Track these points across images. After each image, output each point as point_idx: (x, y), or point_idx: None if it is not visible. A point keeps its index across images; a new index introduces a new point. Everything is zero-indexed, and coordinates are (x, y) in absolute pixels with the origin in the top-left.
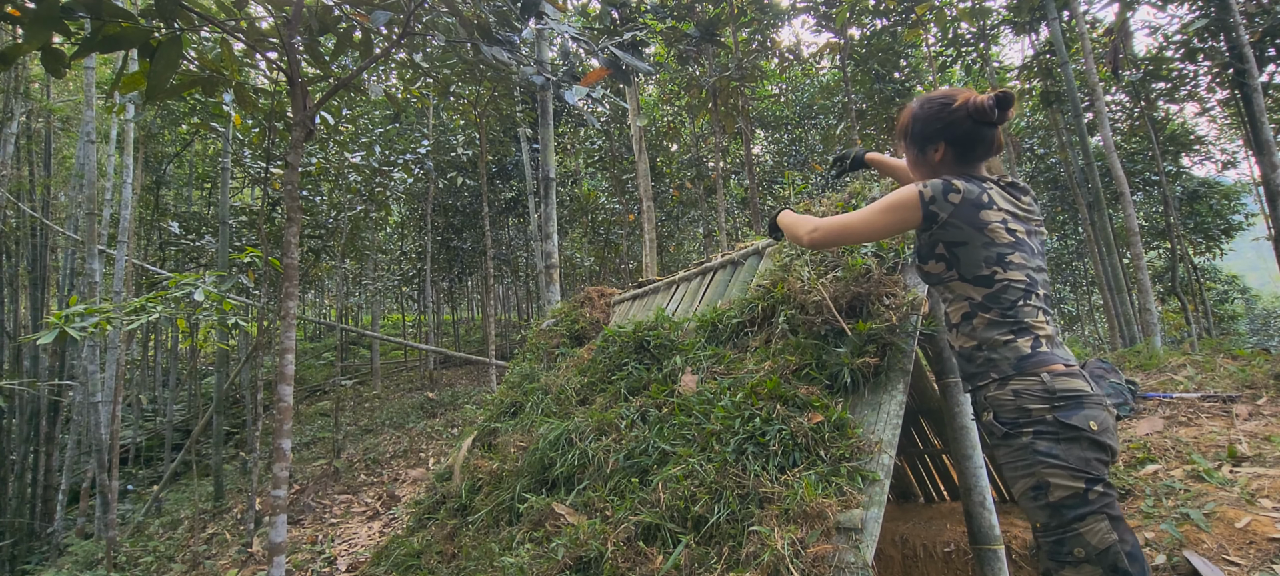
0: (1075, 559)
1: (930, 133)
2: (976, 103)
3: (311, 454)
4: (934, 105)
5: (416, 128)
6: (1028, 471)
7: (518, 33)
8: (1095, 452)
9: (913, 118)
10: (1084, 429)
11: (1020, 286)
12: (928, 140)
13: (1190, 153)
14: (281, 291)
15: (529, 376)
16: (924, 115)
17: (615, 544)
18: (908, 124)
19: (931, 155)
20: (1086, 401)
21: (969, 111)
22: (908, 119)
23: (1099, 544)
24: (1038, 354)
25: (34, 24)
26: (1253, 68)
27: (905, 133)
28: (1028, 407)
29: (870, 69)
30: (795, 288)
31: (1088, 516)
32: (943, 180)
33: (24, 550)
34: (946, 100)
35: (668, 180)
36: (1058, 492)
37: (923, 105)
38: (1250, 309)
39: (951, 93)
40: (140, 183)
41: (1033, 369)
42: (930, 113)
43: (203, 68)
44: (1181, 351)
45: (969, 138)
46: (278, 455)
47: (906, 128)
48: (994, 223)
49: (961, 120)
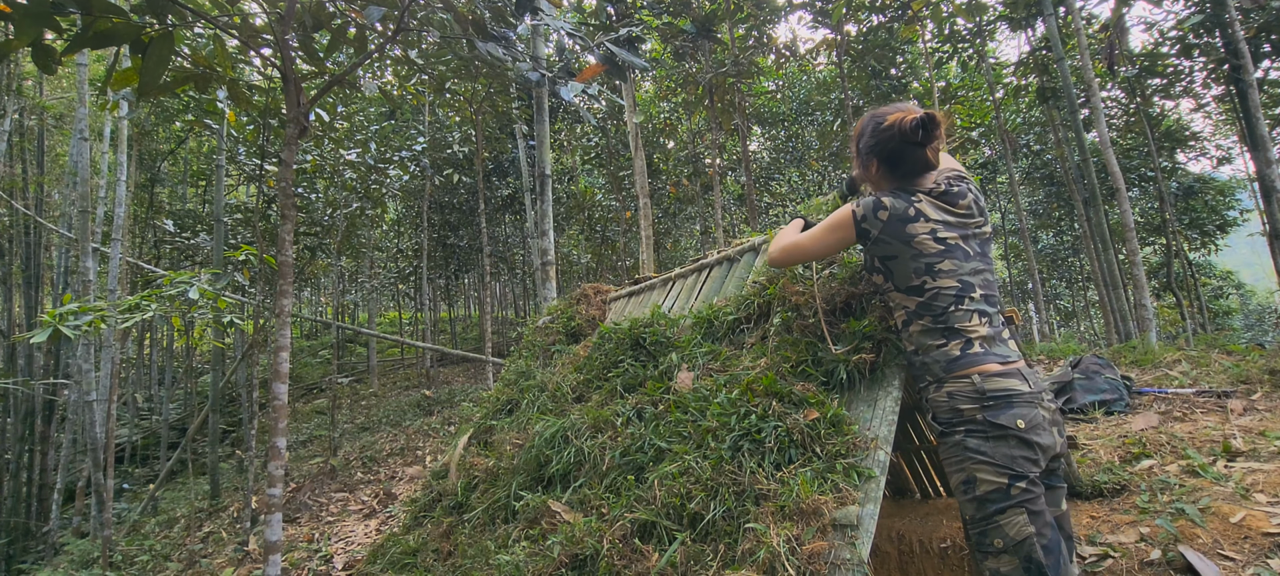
0: (995, 549)
1: (866, 149)
2: (903, 124)
3: (308, 452)
4: (871, 123)
5: (412, 124)
6: (959, 467)
7: (513, 28)
8: (1022, 450)
9: (859, 133)
10: (1011, 427)
11: (950, 292)
12: (866, 156)
13: (1186, 149)
14: (277, 289)
15: (525, 374)
16: (865, 132)
17: (611, 541)
18: (855, 138)
19: (870, 170)
20: (1016, 400)
21: (897, 132)
22: (856, 133)
23: (1016, 535)
24: (968, 355)
25: (24, 20)
26: (1248, 63)
27: (854, 147)
28: (960, 408)
29: (867, 65)
30: (790, 289)
31: (1007, 509)
32: (874, 198)
33: (20, 549)
34: (880, 119)
35: (664, 177)
36: (983, 487)
37: (866, 122)
38: (1245, 304)
39: (885, 111)
40: (134, 180)
41: (963, 370)
42: (868, 130)
43: (196, 64)
44: (1177, 347)
45: (897, 155)
46: (274, 453)
47: (854, 141)
48: (921, 235)
49: (889, 139)
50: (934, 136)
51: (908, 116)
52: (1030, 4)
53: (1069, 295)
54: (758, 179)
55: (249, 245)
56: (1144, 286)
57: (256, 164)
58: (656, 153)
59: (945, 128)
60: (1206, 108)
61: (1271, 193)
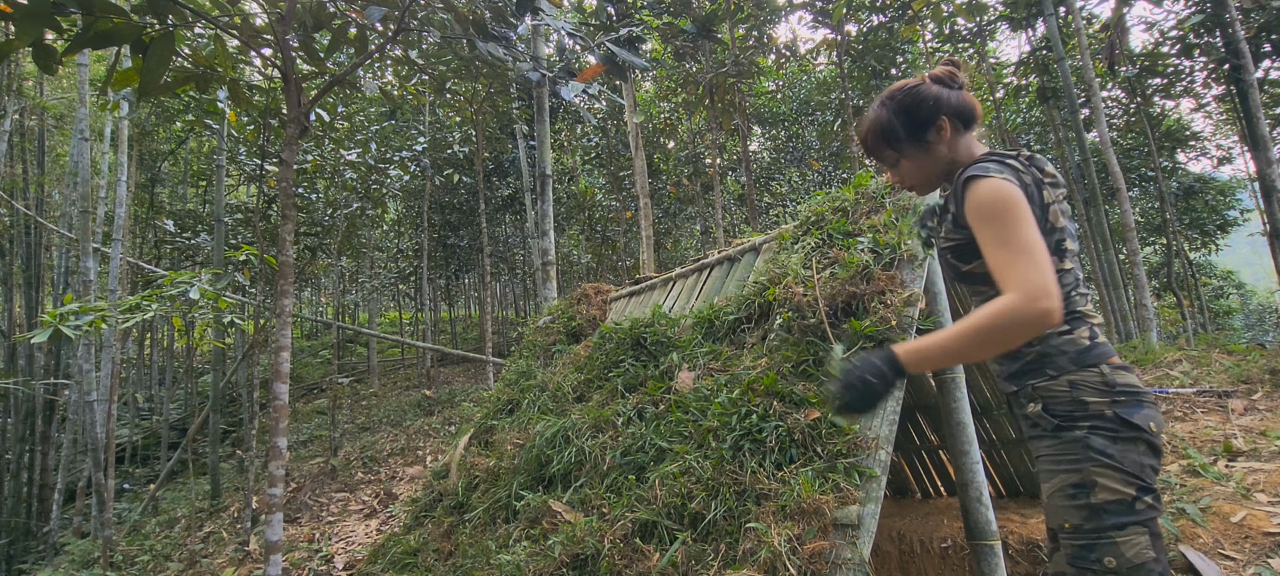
0: (1103, 568)
1: (925, 115)
2: (943, 70)
3: (308, 452)
4: (907, 91)
5: (412, 124)
6: (1073, 467)
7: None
8: (1151, 458)
9: (890, 114)
10: (1145, 429)
11: (1073, 275)
12: (926, 124)
13: (1186, 148)
14: (277, 289)
15: (526, 374)
16: (905, 103)
17: (612, 541)
18: (884, 125)
19: (935, 138)
20: (1144, 399)
21: (946, 76)
22: (881, 121)
23: (1134, 558)
24: (1097, 345)
25: (25, 20)
26: (1248, 63)
27: (885, 135)
28: (1085, 400)
29: (867, 65)
30: (792, 290)
31: (1129, 526)
32: (995, 160)
33: (20, 549)
34: (913, 83)
35: (665, 177)
36: (1103, 494)
37: (894, 98)
38: (1245, 304)
39: (906, 80)
40: (135, 180)
41: (1093, 361)
42: (910, 98)
43: (196, 64)
44: (1177, 347)
45: (963, 102)
46: (274, 453)
47: (884, 129)
48: (1054, 205)
49: (946, 85)
50: (961, 82)
51: (929, 74)
52: (1030, 4)
53: None
54: (758, 179)
55: (249, 245)
56: (1144, 286)
57: (257, 164)
58: (657, 152)
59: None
60: (1207, 107)
61: (1272, 192)
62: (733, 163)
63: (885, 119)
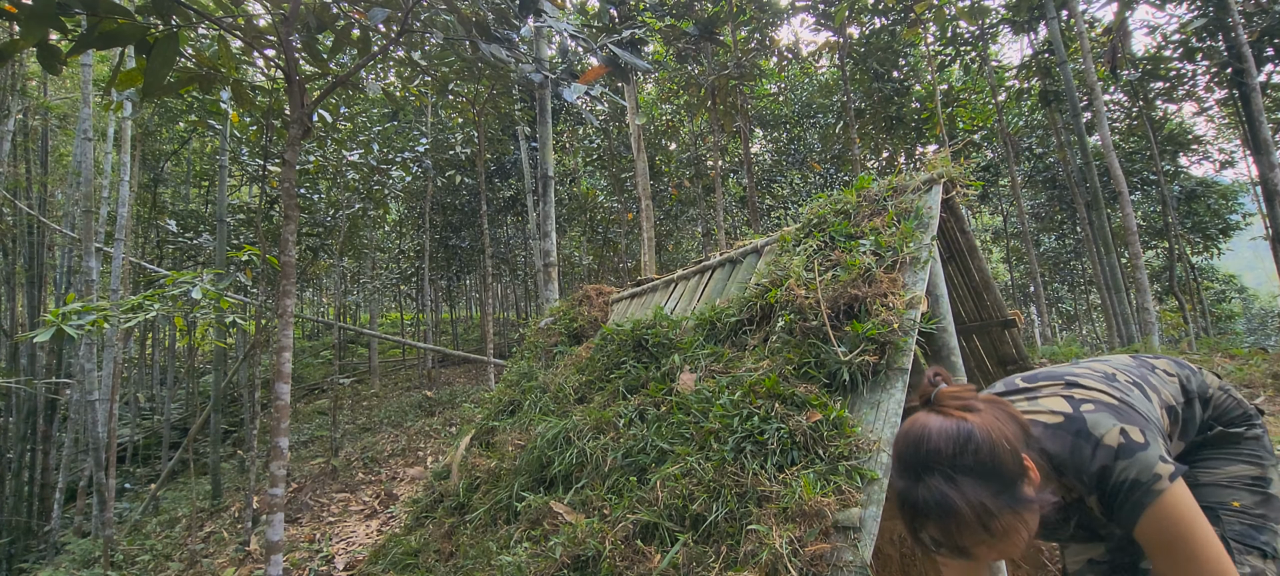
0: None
1: (1016, 460)
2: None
3: (309, 452)
4: (985, 437)
5: (415, 126)
6: (1255, 461)
7: (516, 30)
8: None
9: (984, 469)
10: None
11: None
12: (1016, 475)
13: (1188, 152)
14: (279, 289)
15: (527, 375)
16: (991, 452)
17: (613, 542)
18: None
19: (1029, 483)
20: None
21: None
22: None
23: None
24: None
25: (30, 20)
26: (1251, 67)
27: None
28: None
29: (869, 68)
30: (794, 293)
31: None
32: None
33: (21, 548)
34: (965, 432)
35: (666, 178)
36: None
37: (960, 466)
38: (1248, 308)
39: (945, 418)
40: (137, 180)
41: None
42: (991, 441)
43: (200, 65)
44: (1179, 350)
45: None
46: (275, 453)
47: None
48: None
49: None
50: None
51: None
52: (1033, 7)
53: (1071, 298)
54: (760, 181)
55: (252, 245)
56: (1146, 290)
57: (259, 164)
58: (659, 154)
59: None
60: (1209, 111)
61: (1274, 196)
62: (734, 165)
63: (975, 500)
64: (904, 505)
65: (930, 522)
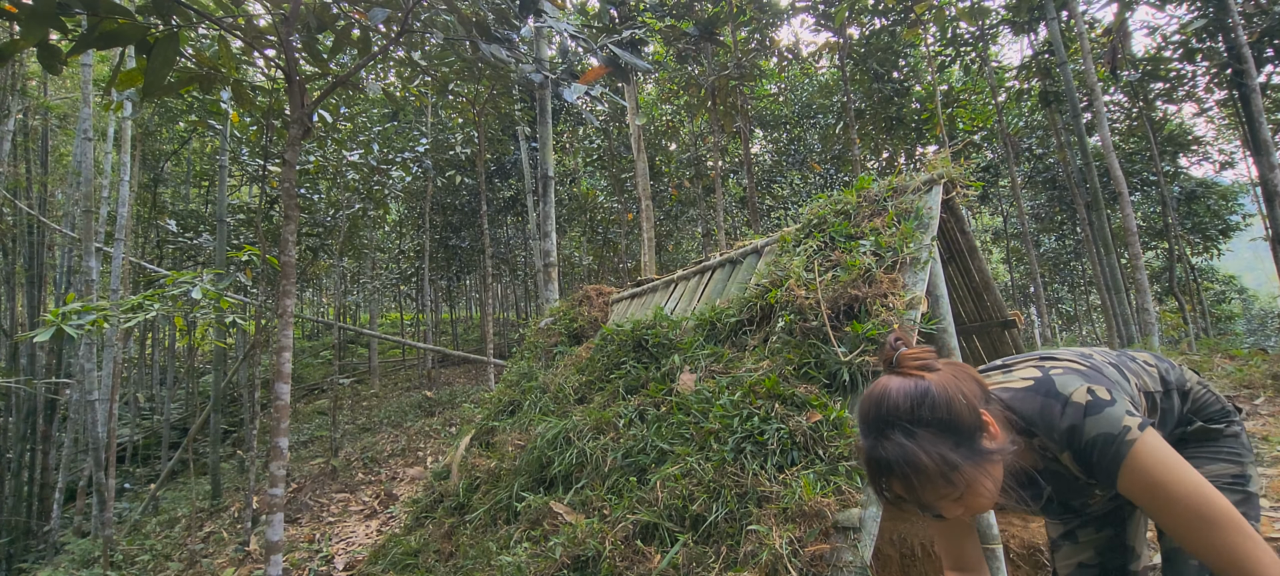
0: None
1: (972, 420)
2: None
3: (309, 452)
4: (940, 392)
5: (415, 126)
6: (1234, 459)
7: (516, 30)
8: None
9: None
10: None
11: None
12: (976, 429)
13: (1188, 153)
14: (279, 289)
15: (527, 375)
16: (946, 406)
17: (613, 542)
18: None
19: (989, 437)
20: None
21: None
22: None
23: None
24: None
25: (30, 20)
26: (1251, 68)
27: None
28: (1227, 410)
29: (869, 68)
30: (794, 293)
31: (1260, 517)
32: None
33: (21, 548)
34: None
35: (666, 179)
36: (1254, 487)
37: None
38: (1247, 309)
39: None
40: (137, 180)
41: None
42: (947, 395)
43: (200, 65)
44: (1179, 351)
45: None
46: (275, 453)
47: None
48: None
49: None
50: None
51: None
52: (1033, 8)
53: (1071, 299)
54: (760, 181)
55: (252, 245)
56: (1146, 290)
57: (259, 164)
58: (659, 155)
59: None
60: (1209, 112)
61: (1274, 197)
62: (734, 165)
63: (934, 453)
64: (869, 463)
65: (894, 478)
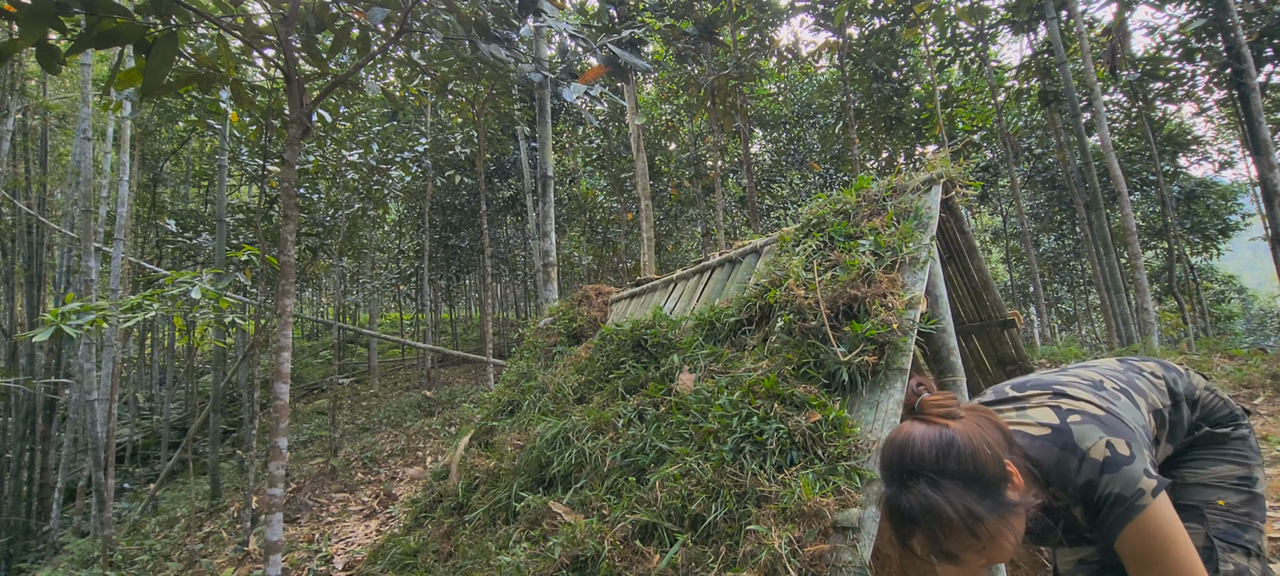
0: (1250, 548)
1: (995, 466)
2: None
3: (308, 452)
4: (965, 443)
5: (414, 125)
6: (1241, 461)
7: (516, 30)
8: None
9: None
10: None
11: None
12: (998, 480)
13: (1188, 153)
14: (278, 289)
15: (526, 375)
16: (972, 458)
17: (612, 542)
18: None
19: (1012, 488)
20: None
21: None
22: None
23: (1262, 546)
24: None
25: (29, 20)
26: (1250, 68)
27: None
28: (1235, 413)
29: (869, 68)
30: (793, 293)
31: (1265, 518)
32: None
33: (20, 548)
34: (946, 440)
35: (666, 179)
36: (1260, 486)
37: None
38: (1247, 309)
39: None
40: (137, 180)
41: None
42: (973, 446)
43: (199, 65)
44: (1179, 351)
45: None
46: (274, 453)
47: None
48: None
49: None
50: None
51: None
52: (1032, 7)
53: (1070, 299)
54: (759, 181)
55: (251, 245)
56: (1145, 290)
57: (259, 164)
58: (658, 154)
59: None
60: (1208, 112)
61: (1273, 196)
62: (734, 165)
63: (960, 505)
64: (892, 513)
65: (918, 529)
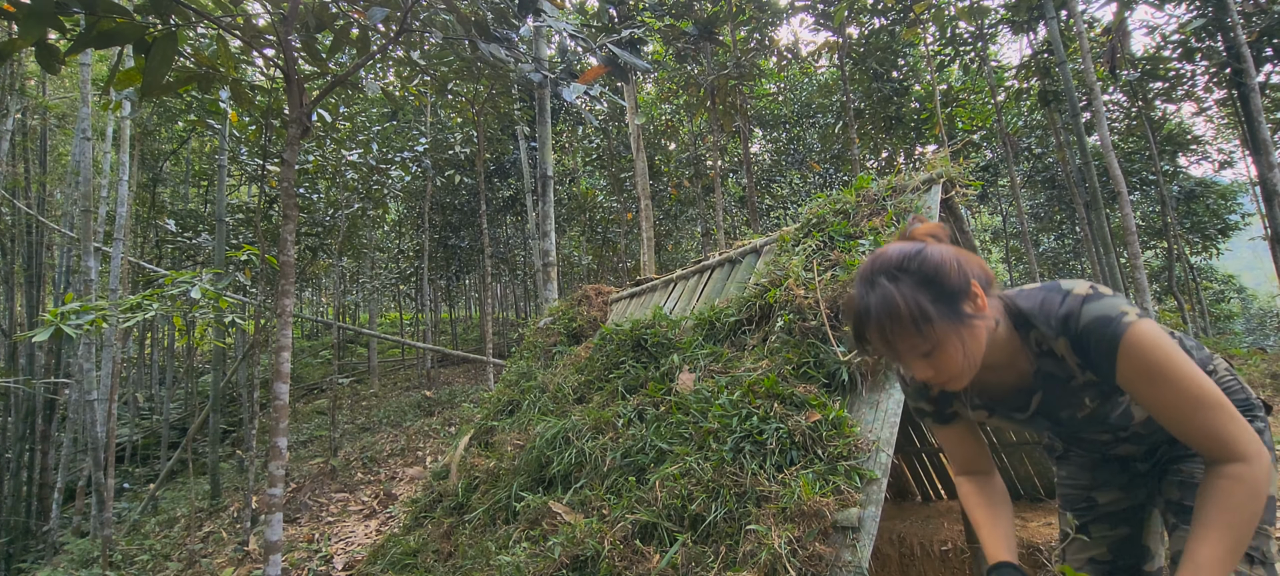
0: (1265, 559)
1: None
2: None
3: (308, 452)
4: (934, 253)
5: (414, 125)
6: None
7: (515, 30)
8: None
9: (926, 276)
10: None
11: None
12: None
13: (1187, 152)
14: (278, 289)
15: (526, 374)
16: (935, 265)
17: (612, 542)
18: (918, 308)
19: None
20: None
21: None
22: (914, 306)
23: (1270, 552)
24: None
25: (29, 19)
26: (1250, 67)
27: (922, 318)
28: (1251, 401)
29: (868, 68)
30: (793, 293)
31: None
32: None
33: (20, 548)
34: (915, 248)
35: (666, 178)
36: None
37: (906, 270)
38: (1246, 308)
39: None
40: (136, 180)
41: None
42: (940, 256)
43: (199, 64)
44: None
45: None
46: (274, 453)
47: (920, 312)
48: None
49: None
50: None
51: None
52: (1032, 7)
53: None
54: (759, 181)
55: (251, 245)
56: (1145, 290)
57: (258, 164)
58: (658, 154)
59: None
60: (1208, 111)
61: (1273, 196)
62: (734, 165)
63: (912, 299)
64: (855, 313)
65: (871, 325)
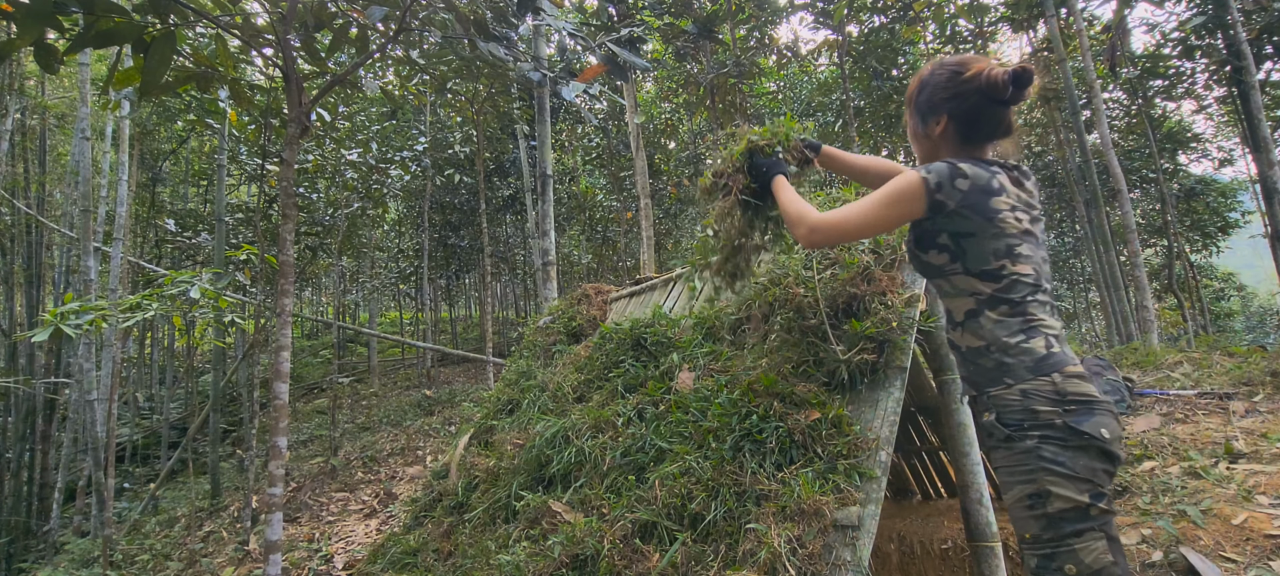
0: (1064, 575)
1: (935, 102)
2: (990, 76)
3: (308, 452)
4: (944, 72)
5: (413, 125)
6: (1028, 478)
7: (515, 29)
8: (1103, 463)
9: (921, 83)
10: (1095, 436)
11: (1029, 281)
12: (931, 111)
13: (1187, 150)
14: (278, 288)
15: (526, 374)
16: (933, 82)
17: (612, 541)
18: (914, 90)
19: (932, 128)
20: (1097, 408)
21: (980, 85)
22: (916, 85)
23: (1094, 564)
24: (1052, 355)
25: (27, 19)
26: (1250, 65)
27: (911, 100)
28: (1036, 409)
29: (868, 66)
30: (793, 291)
31: (1085, 533)
32: (948, 164)
33: (20, 548)
34: (959, 68)
35: (665, 177)
36: (1058, 503)
37: (934, 70)
38: (1247, 306)
39: (966, 60)
40: (136, 180)
41: (1047, 370)
42: (939, 80)
43: (198, 64)
44: (1178, 349)
45: (975, 114)
46: (274, 453)
47: (913, 94)
48: (1004, 211)
49: (970, 93)
50: (1024, 95)
51: (996, 69)
52: (1032, 5)
53: (1070, 296)
54: None
55: (250, 245)
56: (1145, 288)
57: (258, 163)
58: (658, 153)
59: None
60: (1208, 109)
61: (1273, 194)
62: None
63: (918, 85)
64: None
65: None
